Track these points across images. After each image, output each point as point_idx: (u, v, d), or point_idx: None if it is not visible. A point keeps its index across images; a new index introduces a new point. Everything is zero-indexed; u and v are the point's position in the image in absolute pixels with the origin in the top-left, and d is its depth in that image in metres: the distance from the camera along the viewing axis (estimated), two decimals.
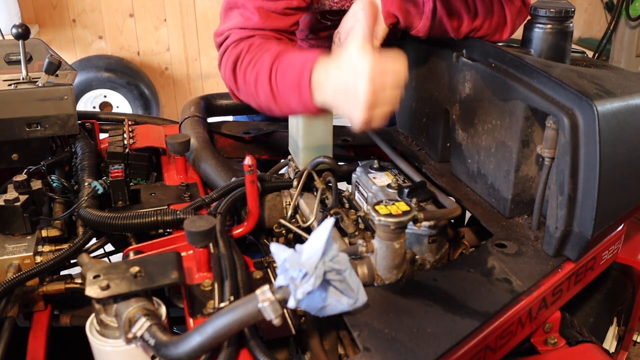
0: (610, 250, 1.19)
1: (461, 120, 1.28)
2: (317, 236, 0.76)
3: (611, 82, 1.04)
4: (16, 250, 1.09)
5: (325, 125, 1.33)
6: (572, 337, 1.06)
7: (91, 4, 3.96)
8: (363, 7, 1.21)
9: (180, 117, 1.63)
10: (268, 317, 0.76)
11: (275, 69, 1.16)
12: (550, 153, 1.02)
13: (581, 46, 4.43)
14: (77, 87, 3.60)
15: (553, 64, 1.14)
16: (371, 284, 0.96)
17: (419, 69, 1.45)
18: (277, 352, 0.90)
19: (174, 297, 1.02)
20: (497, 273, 0.99)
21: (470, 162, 1.27)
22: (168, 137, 1.37)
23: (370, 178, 1.19)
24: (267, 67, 1.16)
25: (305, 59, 1.10)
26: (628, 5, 4.13)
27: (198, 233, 0.96)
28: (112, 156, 1.36)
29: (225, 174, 1.37)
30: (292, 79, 1.10)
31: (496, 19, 1.27)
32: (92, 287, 0.83)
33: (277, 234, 1.25)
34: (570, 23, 1.20)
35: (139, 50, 4.16)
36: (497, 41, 1.30)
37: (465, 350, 0.85)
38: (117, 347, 0.84)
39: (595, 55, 4.35)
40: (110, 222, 1.11)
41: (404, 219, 0.90)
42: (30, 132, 1.37)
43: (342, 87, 1.01)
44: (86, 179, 1.25)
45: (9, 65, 1.56)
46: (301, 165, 1.35)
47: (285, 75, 1.13)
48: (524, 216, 1.16)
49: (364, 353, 0.81)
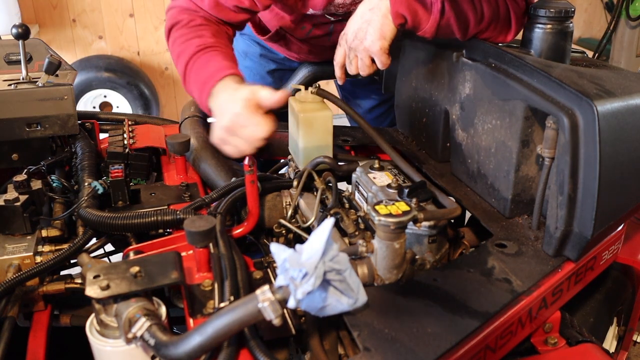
0: (610, 250, 1.19)
1: (461, 120, 1.28)
2: (317, 236, 0.76)
3: (611, 82, 1.04)
4: (16, 250, 1.09)
5: (325, 125, 1.33)
6: (572, 337, 1.06)
7: (91, 4, 3.96)
8: (367, 10, 1.21)
9: (180, 117, 1.63)
10: (268, 317, 0.76)
11: (194, 60, 1.33)
12: (550, 153, 1.02)
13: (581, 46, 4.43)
14: (77, 87, 3.60)
15: (553, 64, 1.14)
16: (371, 284, 0.96)
17: (419, 69, 1.45)
18: (277, 352, 0.90)
19: (174, 297, 1.02)
20: (497, 273, 0.99)
21: (470, 162, 1.27)
22: (168, 137, 1.37)
23: (370, 178, 1.18)
24: (190, 53, 1.34)
25: (219, 68, 1.29)
26: (628, 5, 4.13)
27: (198, 233, 0.96)
28: (112, 156, 1.36)
29: (225, 174, 1.37)
30: (201, 78, 1.30)
31: (502, 21, 1.26)
32: (92, 287, 0.83)
33: (277, 234, 1.25)
34: (570, 23, 1.20)
35: (139, 50, 4.16)
36: (500, 42, 1.30)
37: (465, 350, 0.85)
38: (117, 347, 0.84)
39: (595, 55, 4.35)
40: (110, 222, 1.11)
41: (404, 219, 0.90)
42: (30, 132, 1.37)
43: (218, 111, 1.27)
44: (86, 179, 1.25)
45: (9, 65, 1.56)
46: (301, 165, 1.35)
47: (198, 71, 1.31)
48: (524, 216, 1.16)
49: (364, 353, 0.81)
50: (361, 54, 1.26)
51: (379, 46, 1.22)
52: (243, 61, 1.90)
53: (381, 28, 1.21)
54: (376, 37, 1.21)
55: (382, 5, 1.21)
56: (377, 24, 1.21)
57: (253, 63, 1.89)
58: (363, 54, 1.26)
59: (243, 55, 1.90)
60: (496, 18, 1.25)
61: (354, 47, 1.27)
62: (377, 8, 1.21)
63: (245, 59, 1.90)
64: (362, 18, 1.24)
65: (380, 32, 1.21)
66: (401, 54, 1.53)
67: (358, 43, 1.25)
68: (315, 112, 1.32)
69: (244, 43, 1.88)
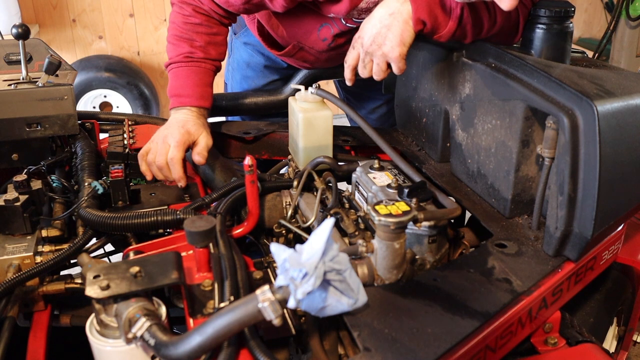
0: (610, 250, 1.19)
1: (461, 120, 1.28)
2: (317, 236, 0.76)
3: (611, 82, 1.04)
4: (16, 250, 1.09)
5: (325, 125, 1.33)
6: (572, 337, 1.06)
7: (91, 4, 3.96)
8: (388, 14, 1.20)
9: None
10: (268, 317, 0.76)
11: (178, 65, 1.43)
12: (550, 153, 1.02)
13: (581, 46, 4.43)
14: (77, 87, 3.60)
15: (553, 64, 1.14)
16: (371, 284, 0.95)
17: (419, 69, 1.45)
18: (277, 352, 0.90)
19: (174, 297, 1.02)
20: (497, 273, 0.99)
21: (470, 162, 1.27)
22: None
23: (370, 178, 1.18)
24: (176, 54, 1.43)
25: (192, 94, 1.41)
26: (628, 5, 4.13)
27: (198, 233, 0.96)
28: (112, 156, 1.36)
29: (225, 174, 1.37)
30: (175, 88, 1.42)
31: (512, 25, 1.25)
32: (92, 287, 0.83)
33: (277, 234, 1.25)
34: (570, 23, 1.20)
35: (139, 50, 4.15)
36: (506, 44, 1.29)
37: (465, 350, 0.85)
38: (117, 347, 0.84)
39: (595, 55, 4.35)
40: (110, 222, 1.11)
41: (404, 219, 0.90)
42: (30, 132, 1.37)
43: (169, 121, 1.39)
44: (86, 179, 1.25)
45: (9, 65, 1.56)
46: (301, 165, 1.35)
47: (177, 79, 1.43)
48: (524, 216, 1.16)
49: (364, 353, 0.81)
50: (378, 59, 1.22)
51: (398, 52, 1.18)
52: (244, 71, 1.87)
53: (402, 34, 1.17)
54: (396, 43, 1.18)
55: (404, 10, 1.17)
56: (397, 29, 1.17)
57: (255, 74, 1.86)
58: (380, 59, 1.22)
59: (244, 65, 1.87)
60: (507, 22, 1.23)
61: (370, 51, 1.22)
62: (398, 13, 1.17)
63: (247, 69, 1.87)
64: (381, 22, 1.20)
65: (400, 38, 1.17)
66: None
67: (376, 48, 1.21)
68: (315, 112, 1.32)
69: (247, 53, 1.85)
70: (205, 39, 1.44)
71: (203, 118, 1.43)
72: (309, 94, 1.33)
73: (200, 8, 1.43)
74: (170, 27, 1.46)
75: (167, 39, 1.47)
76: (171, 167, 1.29)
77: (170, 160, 1.29)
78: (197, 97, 1.41)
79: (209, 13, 1.43)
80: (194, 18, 1.43)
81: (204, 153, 1.34)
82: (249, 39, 1.81)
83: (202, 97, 1.42)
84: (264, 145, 1.62)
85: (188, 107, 1.40)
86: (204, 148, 1.35)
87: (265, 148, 1.62)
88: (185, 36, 1.43)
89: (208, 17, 1.44)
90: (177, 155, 1.29)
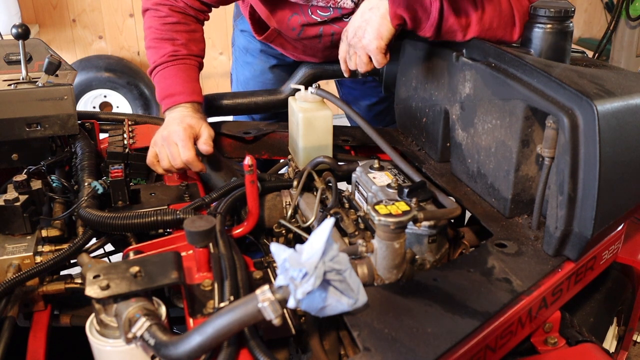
0: (610, 250, 1.18)
1: (461, 120, 1.28)
2: (317, 236, 0.76)
3: (611, 82, 1.04)
4: (16, 250, 1.09)
5: (325, 125, 1.33)
6: (572, 337, 1.06)
7: (91, 4, 3.96)
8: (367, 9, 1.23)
9: None
10: (268, 317, 0.76)
11: (163, 67, 1.44)
12: (550, 153, 1.02)
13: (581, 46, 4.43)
14: (77, 87, 3.60)
15: (553, 64, 1.14)
16: (371, 284, 0.95)
17: (419, 69, 1.45)
18: (277, 352, 0.90)
19: (174, 297, 1.02)
20: (497, 273, 0.99)
21: (470, 162, 1.27)
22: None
23: (370, 178, 1.18)
24: (159, 55, 1.44)
25: (182, 91, 1.41)
26: (628, 5, 4.13)
27: (198, 233, 0.96)
28: (112, 156, 1.36)
29: (225, 174, 1.37)
30: (164, 91, 1.42)
31: (505, 19, 1.26)
32: (92, 287, 0.83)
33: (277, 234, 1.25)
34: (570, 23, 1.19)
35: (139, 50, 4.15)
36: (507, 42, 1.29)
37: (465, 350, 0.85)
38: (117, 347, 0.84)
39: (595, 55, 4.35)
40: (110, 222, 1.11)
41: (404, 219, 0.90)
42: (30, 132, 1.37)
43: (167, 122, 1.39)
44: (86, 179, 1.25)
45: (9, 65, 1.56)
46: (301, 165, 1.35)
47: (165, 81, 1.44)
48: (524, 216, 1.16)
49: (364, 353, 0.81)
50: (359, 51, 1.29)
51: (375, 45, 1.24)
52: (244, 57, 1.92)
53: (379, 28, 1.23)
54: (373, 37, 1.24)
55: (382, 5, 1.23)
56: (375, 24, 1.23)
57: (254, 59, 1.90)
58: (361, 52, 1.29)
59: (244, 51, 1.91)
60: (497, 12, 1.25)
61: (353, 44, 1.30)
62: (376, 8, 1.24)
63: (246, 54, 1.91)
64: (362, 17, 1.26)
65: (377, 32, 1.23)
66: (401, 54, 1.53)
67: (357, 41, 1.28)
68: (315, 112, 1.32)
69: (245, 40, 1.90)
70: (186, 37, 1.46)
71: (199, 112, 1.44)
72: (309, 94, 1.33)
73: (175, 7, 1.46)
74: (148, 33, 1.48)
75: (145, 47, 1.49)
76: (190, 166, 1.32)
77: (186, 162, 1.31)
78: (189, 92, 1.43)
79: (185, 10, 1.47)
80: (171, 17, 1.45)
81: (210, 142, 1.36)
82: (244, 26, 1.85)
83: (194, 92, 1.44)
84: (264, 145, 1.62)
85: (183, 104, 1.41)
86: (209, 137, 1.36)
87: (265, 148, 1.62)
88: (166, 36, 1.45)
89: (185, 15, 1.47)
90: (190, 155, 1.30)
